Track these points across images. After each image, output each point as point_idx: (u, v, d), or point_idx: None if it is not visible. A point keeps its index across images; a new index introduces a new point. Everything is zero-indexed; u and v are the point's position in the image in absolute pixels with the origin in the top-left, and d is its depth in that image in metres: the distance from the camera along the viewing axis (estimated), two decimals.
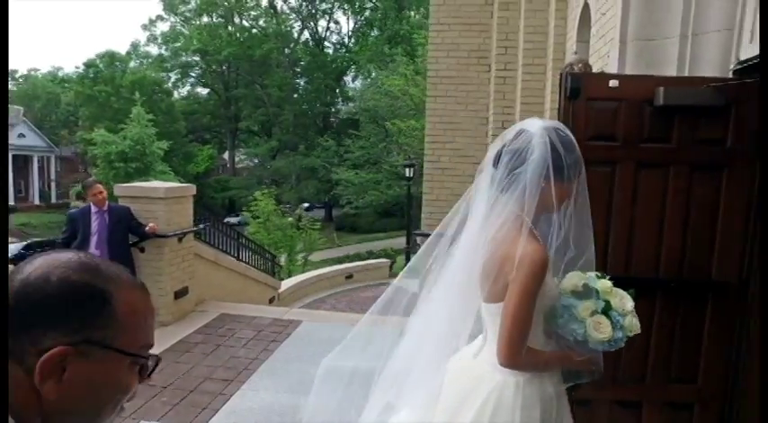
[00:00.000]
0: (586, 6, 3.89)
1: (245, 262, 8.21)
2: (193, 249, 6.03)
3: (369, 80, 31.91)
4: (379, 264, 14.36)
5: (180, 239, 5.62)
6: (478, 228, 1.53)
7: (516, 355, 1.41)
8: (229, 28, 37.99)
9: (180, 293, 5.67)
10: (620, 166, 2.45)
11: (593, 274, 1.55)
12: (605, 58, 3.14)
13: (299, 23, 38.78)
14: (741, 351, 2.57)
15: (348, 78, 38.95)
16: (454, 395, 1.56)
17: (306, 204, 32.58)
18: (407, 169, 16.85)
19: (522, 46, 5.31)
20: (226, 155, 40.58)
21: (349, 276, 12.67)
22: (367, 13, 36.86)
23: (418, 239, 7.33)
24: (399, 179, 22.32)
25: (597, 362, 1.55)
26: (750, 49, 2.52)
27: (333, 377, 1.94)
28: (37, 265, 0.67)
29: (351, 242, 27.67)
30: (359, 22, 37.92)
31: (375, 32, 35.75)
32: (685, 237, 2.50)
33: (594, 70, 3.17)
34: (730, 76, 2.62)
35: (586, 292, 1.49)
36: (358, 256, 20.35)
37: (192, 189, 6.24)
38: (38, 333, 0.64)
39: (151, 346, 0.74)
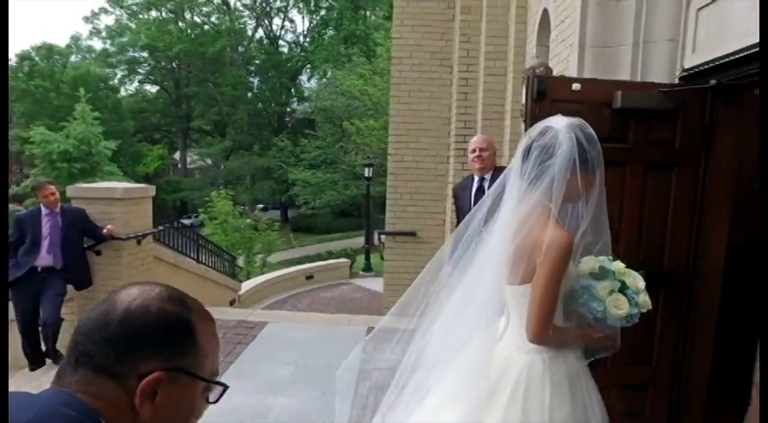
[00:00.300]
0: (546, 12, 4.08)
1: (204, 264, 8.02)
2: (153, 252, 5.85)
3: (325, 80, 31.72)
4: (339, 264, 14.35)
5: (139, 242, 5.44)
6: (509, 217, 1.63)
7: (545, 331, 1.53)
8: (180, 23, 36.71)
9: None
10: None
11: (604, 257, 1.71)
12: (565, 62, 3.32)
13: (254, 21, 38.02)
14: (686, 337, 2.80)
15: (303, 78, 38.56)
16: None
17: (261, 205, 32.02)
18: (366, 169, 16.93)
19: (484, 49, 5.49)
20: (177, 155, 39.20)
21: (309, 277, 12.59)
22: (323, 12, 36.58)
23: (382, 238, 7.42)
24: (357, 179, 22.35)
25: (615, 337, 1.70)
26: (693, 59, 2.75)
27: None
28: (135, 296, 0.72)
29: (307, 243, 27.45)
30: (314, 21, 37.58)
31: (331, 32, 35.56)
32: (641, 231, 2.70)
33: (555, 73, 3.35)
34: (677, 82, 2.85)
35: (603, 274, 1.65)
36: (318, 257, 20.22)
37: (151, 190, 6.05)
38: (140, 358, 0.68)
39: (218, 373, 0.79)
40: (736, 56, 2.41)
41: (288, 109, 37.59)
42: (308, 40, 37.60)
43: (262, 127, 35.53)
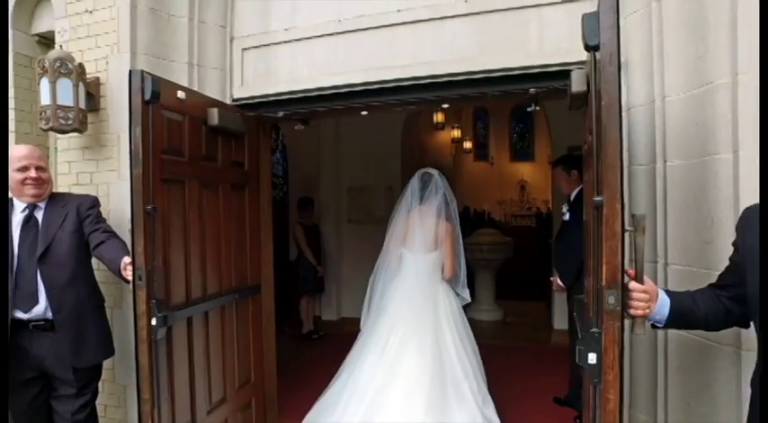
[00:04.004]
0: None
1: None
2: None
3: None
4: None
5: None
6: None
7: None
8: None
9: None
10: (189, 183, 2.36)
11: None
12: (103, 63, 2.76)
13: None
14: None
15: None
16: None
17: None
18: None
19: None
20: None
21: None
22: None
23: None
24: None
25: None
26: (242, 91, 3.06)
27: None
28: None
29: None
30: None
31: None
32: (230, 248, 2.73)
33: (90, 72, 2.73)
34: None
35: None
36: None
37: None
38: None
39: None
40: (283, 97, 2.94)
41: None
42: None
43: None
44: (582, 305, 2.19)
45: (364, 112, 2.93)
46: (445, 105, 2.79)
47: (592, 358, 1.45)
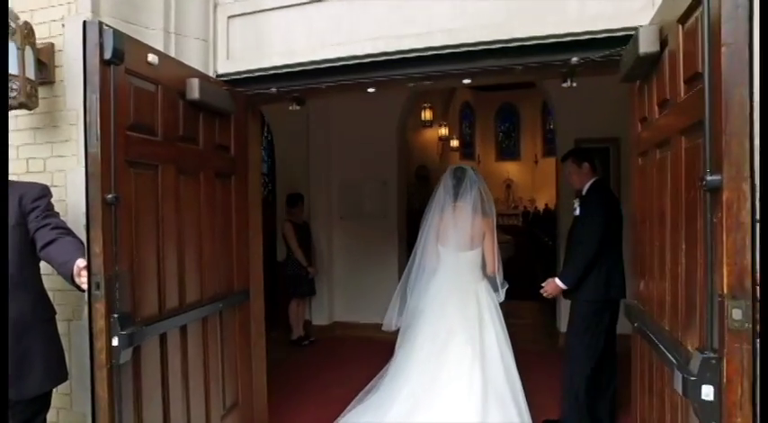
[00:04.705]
0: None
1: None
2: None
3: None
4: None
5: None
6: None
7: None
8: None
9: None
10: (163, 168, 1.93)
11: None
12: (57, 25, 2.30)
13: None
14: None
15: None
16: None
17: None
18: None
19: None
20: None
21: None
22: None
23: None
24: None
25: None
26: (226, 66, 2.64)
27: None
28: None
29: None
30: None
31: None
32: (214, 245, 2.30)
33: (39, 37, 2.27)
34: None
35: None
36: None
37: None
38: None
39: None
40: (277, 72, 2.52)
41: None
42: None
43: None
44: (638, 313, 1.84)
45: (371, 90, 2.53)
46: (466, 81, 2.42)
47: (707, 393, 1.08)
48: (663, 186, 1.55)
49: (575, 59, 2.03)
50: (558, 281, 2.84)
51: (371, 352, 4.48)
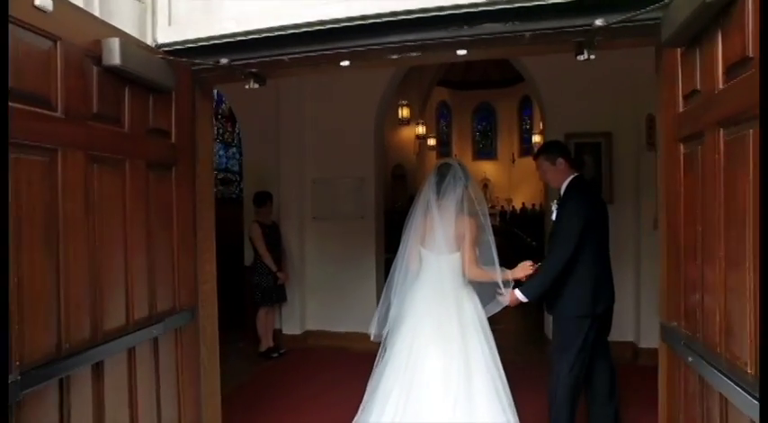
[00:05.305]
0: None
1: None
2: None
3: None
4: None
5: None
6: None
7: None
8: None
9: None
10: (65, 153, 1.44)
11: None
12: None
13: None
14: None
15: None
16: None
17: None
18: None
19: None
20: None
21: None
22: None
23: None
24: None
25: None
26: (168, 33, 2.16)
27: None
28: None
29: None
30: None
31: None
32: (150, 252, 1.82)
33: None
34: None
35: None
36: None
37: None
38: None
39: None
40: (231, 40, 2.06)
41: None
42: None
43: None
44: (688, 339, 1.44)
45: (345, 62, 2.08)
46: (461, 52, 1.99)
47: None
48: (735, 180, 1.16)
49: (599, 22, 1.63)
50: (518, 292, 2.48)
51: (347, 363, 4.07)
